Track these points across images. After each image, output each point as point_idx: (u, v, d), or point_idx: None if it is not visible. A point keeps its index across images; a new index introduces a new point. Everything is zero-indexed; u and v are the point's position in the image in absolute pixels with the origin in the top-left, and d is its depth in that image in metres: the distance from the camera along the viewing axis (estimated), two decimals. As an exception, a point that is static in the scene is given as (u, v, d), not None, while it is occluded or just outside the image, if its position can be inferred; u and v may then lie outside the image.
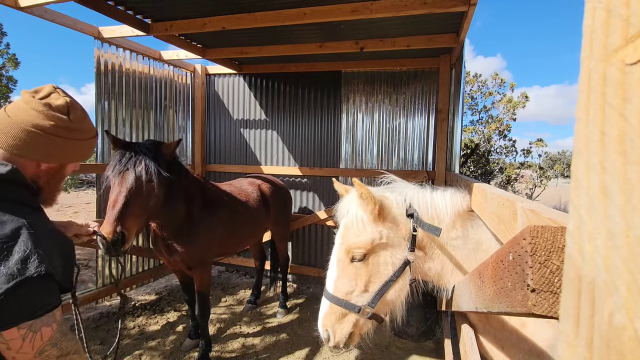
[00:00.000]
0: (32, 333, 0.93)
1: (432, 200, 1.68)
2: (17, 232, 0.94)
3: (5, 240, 0.91)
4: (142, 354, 3.36)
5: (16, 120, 1.05)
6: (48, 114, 1.08)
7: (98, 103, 4.07)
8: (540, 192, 12.01)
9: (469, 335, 1.68)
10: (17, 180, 1.04)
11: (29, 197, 1.08)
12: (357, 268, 1.62)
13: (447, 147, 4.33)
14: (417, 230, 1.61)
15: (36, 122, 1.06)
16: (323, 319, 1.65)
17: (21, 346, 0.92)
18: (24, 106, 1.07)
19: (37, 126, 1.06)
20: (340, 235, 1.70)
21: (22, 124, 1.05)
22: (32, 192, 1.10)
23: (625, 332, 0.25)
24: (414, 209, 1.65)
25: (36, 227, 0.99)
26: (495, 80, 11.36)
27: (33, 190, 1.10)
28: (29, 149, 1.06)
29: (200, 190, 3.17)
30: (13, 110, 1.07)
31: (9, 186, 1.02)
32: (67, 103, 1.14)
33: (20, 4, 3.02)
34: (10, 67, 17.16)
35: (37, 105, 1.07)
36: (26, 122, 1.05)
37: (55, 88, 1.17)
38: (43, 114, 1.07)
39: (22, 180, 1.06)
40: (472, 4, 2.70)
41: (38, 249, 0.95)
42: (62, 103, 1.13)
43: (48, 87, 1.15)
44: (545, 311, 0.58)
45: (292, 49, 4.22)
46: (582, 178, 0.31)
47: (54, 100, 1.12)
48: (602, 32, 0.29)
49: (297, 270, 5.18)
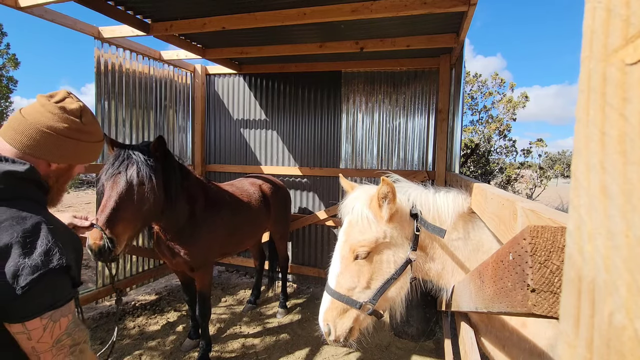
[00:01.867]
0: (52, 323, 0.98)
1: (434, 202, 1.70)
2: (37, 226, 0.99)
3: (27, 234, 0.96)
4: (142, 354, 3.36)
5: (32, 121, 1.11)
6: (62, 116, 1.15)
7: (98, 103, 4.07)
8: (540, 192, 12.01)
9: (469, 335, 1.69)
10: (33, 179, 1.09)
11: (41, 195, 1.13)
12: (360, 265, 1.64)
13: (447, 147, 4.33)
14: (420, 230, 1.63)
15: (51, 124, 1.12)
16: (324, 314, 1.67)
17: (41, 336, 0.96)
18: (40, 109, 1.13)
19: (51, 128, 1.12)
20: (345, 232, 1.71)
21: (38, 125, 1.11)
22: (43, 191, 1.15)
23: (625, 332, 0.25)
24: (418, 209, 1.67)
25: (53, 223, 1.05)
26: (495, 80, 11.36)
27: (45, 189, 1.16)
28: (42, 149, 1.12)
29: (202, 191, 3.15)
30: (29, 112, 1.13)
31: (26, 184, 1.07)
32: (80, 107, 1.21)
33: (20, 4, 3.02)
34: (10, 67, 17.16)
35: (52, 108, 1.14)
36: (41, 123, 1.11)
37: (69, 93, 1.24)
38: (58, 116, 1.14)
39: (38, 179, 1.11)
40: (472, 4, 2.70)
41: (58, 242, 1.01)
42: (76, 107, 1.20)
43: (62, 92, 1.22)
44: (545, 311, 0.58)
45: (292, 49, 4.22)
46: (582, 178, 0.31)
47: (69, 104, 1.18)
48: (602, 32, 0.29)
49: (297, 270, 5.18)
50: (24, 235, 0.95)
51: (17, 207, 1.00)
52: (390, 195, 1.58)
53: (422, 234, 1.65)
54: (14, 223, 0.96)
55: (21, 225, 0.97)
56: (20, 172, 1.04)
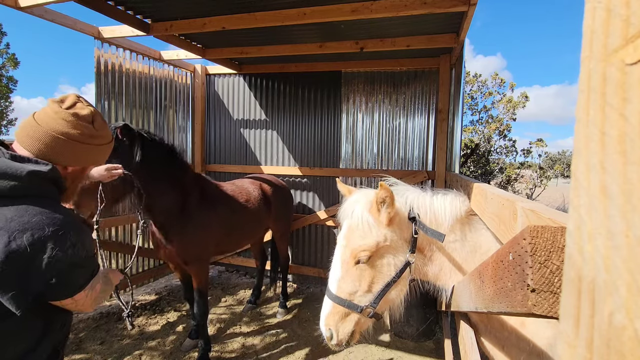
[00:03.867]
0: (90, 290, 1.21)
1: (431, 205, 1.71)
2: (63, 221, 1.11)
3: (57, 228, 1.07)
4: (142, 354, 3.36)
5: (47, 128, 1.18)
6: (76, 123, 1.22)
7: (98, 103, 4.07)
8: (540, 192, 12.01)
9: (468, 335, 1.69)
10: (54, 178, 1.17)
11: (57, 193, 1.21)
12: (362, 269, 1.65)
13: (447, 147, 4.33)
14: (418, 233, 1.64)
15: (65, 130, 1.19)
16: (326, 319, 1.68)
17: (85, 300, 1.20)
18: (53, 115, 1.20)
19: (66, 134, 1.19)
20: (344, 237, 1.71)
21: (53, 132, 1.18)
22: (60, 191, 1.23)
23: (625, 332, 0.25)
24: (415, 212, 1.68)
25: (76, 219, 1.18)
26: (495, 80, 11.35)
27: (62, 189, 1.24)
28: (58, 155, 1.19)
29: (199, 185, 3.20)
30: (42, 119, 1.20)
31: (49, 183, 1.15)
32: (91, 112, 1.28)
33: (20, 4, 3.02)
34: (10, 67, 17.17)
35: (65, 116, 1.20)
36: (57, 130, 1.18)
37: (79, 97, 1.30)
38: (71, 123, 1.21)
39: (59, 179, 1.20)
40: (472, 4, 2.70)
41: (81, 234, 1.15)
42: (88, 113, 1.26)
43: (72, 97, 1.28)
44: (545, 311, 0.58)
45: (292, 49, 4.22)
46: (582, 178, 0.31)
47: (80, 110, 1.25)
48: (602, 32, 0.29)
49: (297, 270, 5.18)
50: (54, 229, 1.06)
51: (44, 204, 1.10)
52: (388, 200, 1.59)
53: (420, 236, 1.66)
54: (43, 218, 1.06)
55: (50, 220, 1.07)
56: (43, 171, 1.12)
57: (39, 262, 1.02)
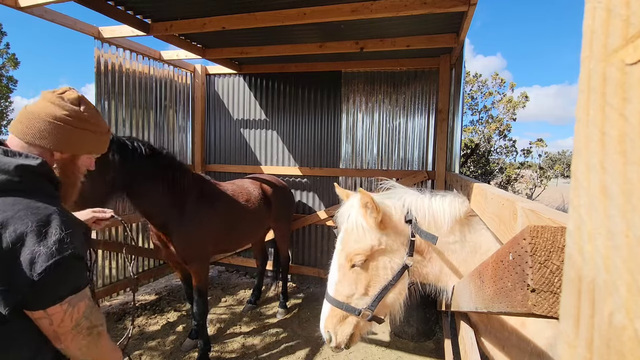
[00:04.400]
0: (71, 308, 1.05)
1: (430, 207, 1.70)
2: (51, 216, 1.05)
3: (42, 224, 1.01)
4: (142, 354, 3.36)
5: (33, 111, 1.18)
6: (61, 104, 1.21)
7: (98, 103, 4.07)
8: (540, 192, 12.01)
9: (468, 335, 1.69)
10: (45, 172, 1.14)
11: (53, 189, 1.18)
12: (358, 273, 1.65)
13: (447, 147, 4.33)
14: (415, 235, 1.63)
15: (50, 111, 1.18)
16: (325, 321, 1.69)
17: (62, 320, 1.04)
18: (41, 101, 1.21)
19: (51, 115, 1.18)
20: (341, 241, 1.73)
21: (39, 114, 1.18)
22: (55, 186, 1.20)
23: (625, 332, 0.25)
24: (413, 215, 1.67)
25: (65, 214, 1.12)
26: (495, 80, 11.35)
27: (56, 183, 1.21)
28: (43, 138, 1.17)
29: (197, 185, 3.22)
30: (32, 106, 1.21)
31: (39, 177, 1.12)
32: (79, 97, 1.27)
33: (20, 4, 3.02)
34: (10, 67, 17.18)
35: (52, 98, 1.21)
36: (42, 112, 1.18)
37: (71, 88, 1.30)
38: (57, 104, 1.20)
39: (50, 173, 1.17)
40: (472, 4, 2.70)
41: (70, 232, 1.06)
42: (75, 96, 1.26)
43: (65, 87, 1.29)
44: (545, 311, 0.58)
45: (292, 49, 4.22)
46: (582, 178, 0.31)
47: (68, 95, 1.25)
48: (602, 32, 0.29)
49: (297, 270, 5.18)
50: (39, 225, 1.00)
51: (32, 198, 1.06)
52: (370, 205, 1.59)
53: (418, 239, 1.65)
54: (28, 213, 1.01)
55: (36, 215, 1.02)
56: (33, 165, 1.10)
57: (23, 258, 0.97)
